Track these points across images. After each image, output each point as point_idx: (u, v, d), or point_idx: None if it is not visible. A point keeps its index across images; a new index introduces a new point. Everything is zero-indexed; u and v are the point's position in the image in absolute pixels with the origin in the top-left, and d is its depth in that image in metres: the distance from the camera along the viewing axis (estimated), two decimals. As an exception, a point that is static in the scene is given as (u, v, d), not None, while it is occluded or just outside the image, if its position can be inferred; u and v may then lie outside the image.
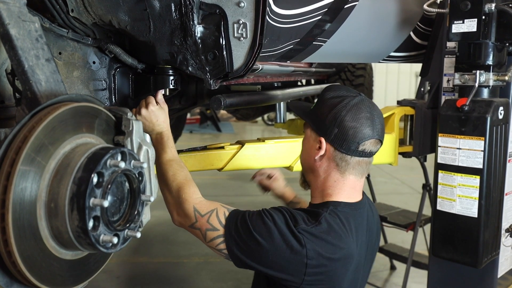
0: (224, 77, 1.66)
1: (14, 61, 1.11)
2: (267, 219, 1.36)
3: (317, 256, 1.34)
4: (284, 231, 1.34)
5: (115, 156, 1.10)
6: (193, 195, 1.46)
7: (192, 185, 1.49)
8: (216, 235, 1.38)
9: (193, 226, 1.43)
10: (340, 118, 1.42)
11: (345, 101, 1.44)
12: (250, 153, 2.15)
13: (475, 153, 2.14)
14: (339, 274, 1.40)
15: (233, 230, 1.37)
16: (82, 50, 1.69)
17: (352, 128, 1.42)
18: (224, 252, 1.39)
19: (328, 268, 1.37)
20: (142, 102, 1.63)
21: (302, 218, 1.39)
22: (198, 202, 1.44)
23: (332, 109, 1.44)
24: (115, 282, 4.10)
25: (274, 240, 1.34)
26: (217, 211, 1.41)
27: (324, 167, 1.48)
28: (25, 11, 1.17)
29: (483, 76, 2.13)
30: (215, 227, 1.39)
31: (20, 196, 0.97)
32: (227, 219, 1.39)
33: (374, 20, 2.37)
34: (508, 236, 2.38)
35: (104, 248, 1.09)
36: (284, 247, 1.33)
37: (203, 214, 1.41)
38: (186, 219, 1.44)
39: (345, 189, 1.48)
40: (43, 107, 1.06)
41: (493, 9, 2.03)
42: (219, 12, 1.56)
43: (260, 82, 2.63)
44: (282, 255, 1.34)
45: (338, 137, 1.43)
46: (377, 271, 4.41)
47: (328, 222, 1.39)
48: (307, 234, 1.35)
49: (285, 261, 1.34)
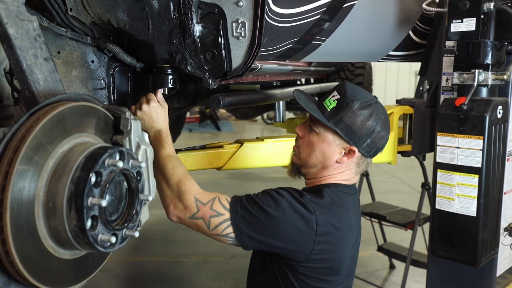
0: (223, 76, 1.66)
1: (12, 60, 1.11)
2: (274, 194, 1.44)
3: (325, 223, 1.42)
4: (292, 201, 1.42)
5: (113, 155, 1.10)
6: (194, 186, 1.47)
7: (191, 178, 1.50)
8: (222, 219, 1.41)
9: (194, 217, 1.43)
10: (373, 130, 1.50)
11: (375, 112, 1.50)
12: (249, 152, 2.15)
13: (474, 152, 2.14)
14: (343, 244, 1.48)
15: (240, 209, 1.41)
16: (80, 49, 1.68)
17: (383, 137, 1.53)
18: (231, 236, 1.41)
19: (335, 237, 1.44)
20: (143, 98, 1.62)
21: (306, 192, 1.47)
22: (199, 192, 1.46)
23: (366, 121, 1.49)
24: (114, 281, 4.10)
25: (284, 209, 1.40)
26: (219, 198, 1.44)
27: (341, 167, 1.55)
28: (23, 10, 1.16)
29: (482, 75, 2.13)
30: (219, 213, 1.41)
31: (18, 196, 0.97)
32: (231, 203, 1.43)
33: (373, 19, 2.37)
34: (506, 235, 2.38)
35: (102, 248, 1.08)
36: (294, 214, 1.40)
37: (205, 203, 1.42)
38: (186, 210, 1.44)
39: (347, 179, 1.58)
40: (41, 107, 1.05)
41: (492, 8, 2.03)
42: (218, 11, 1.56)
43: (259, 81, 2.63)
44: (293, 223, 1.39)
45: (369, 146, 1.52)
46: (376, 270, 4.41)
47: (330, 196, 1.48)
48: (314, 203, 1.42)
49: (296, 229, 1.40)
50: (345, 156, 1.53)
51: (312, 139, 1.55)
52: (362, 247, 1.68)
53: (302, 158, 1.59)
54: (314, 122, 1.55)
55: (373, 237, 4.33)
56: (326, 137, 1.52)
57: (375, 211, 3.95)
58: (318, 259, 1.43)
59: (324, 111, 1.52)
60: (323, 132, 1.53)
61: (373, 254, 4.47)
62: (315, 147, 1.54)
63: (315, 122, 1.55)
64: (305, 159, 1.58)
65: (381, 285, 4.14)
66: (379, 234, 4.36)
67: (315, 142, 1.54)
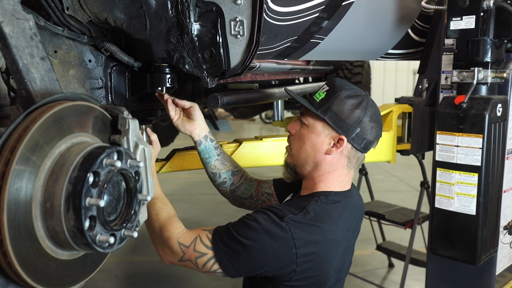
0: (221, 75, 1.65)
1: (8, 59, 1.10)
2: (250, 222, 1.41)
3: (305, 245, 1.38)
4: (269, 228, 1.38)
5: (111, 155, 1.09)
6: (175, 230, 1.48)
7: (174, 220, 1.51)
8: (207, 259, 1.42)
9: (182, 260, 1.46)
10: (363, 118, 1.48)
11: (364, 102, 1.50)
12: (247, 151, 2.14)
13: (473, 150, 2.14)
14: (327, 260, 1.44)
15: (221, 245, 1.41)
16: (77, 49, 1.67)
17: (373, 128, 1.50)
18: (219, 271, 1.43)
19: (317, 255, 1.41)
20: None
21: (287, 211, 1.43)
22: (181, 235, 1.47)
23: (354, 109, 1.48)
24: (113, 281, 4.09)
25: (261, 239, 1.37)
26: (199, 237, 1.44)
27: (332, 162, 1.52)
28: (19, 9, 1.15)
29: (481, 73, 2.12)
30: (203, 253, 1.43)
31: (15, 196, 0.96)
32: (212, 240, 1.43)
33: (371, 17, 2.37)
34: (506, 233, 2.38)
35: (101, 248, 1.07)
36: (272, 242, 1.37)
37: (188, 245, 1.44)
38: (173, 255, 1.47)
39: (341, 180, 1.54)
40: (38, 106, 1.04)
41: (491, 5, 2.02)
42: (216, 10, 1.55)
43: (257, 80, 2.62)
44: (272, 251, 1.37)
45: (359, 136, 1.49)
46: (375, 269, 4.41)
47: (315, 211, 1.44)
48: (294, 223, 1.39)
49: (275, 256, 1.38)
50: (334, 147, 1.49)
51: (302, 132, 1.55)
52: (361, 246, 1.68)
53: (293, 154, 1.57)
54: (304, 115, 1.56)
55: (372, 236, 4.33)
56: (315, 127, 1.52)
57: (374, 210, 3.96)
58: (301, 278, 1.42)
59: (314, 103, 1.53)
60: (312, 123, 1.52)
61: (372, 253, 4.47)
62: (305, 140, 1.53)
63: (305, 114, 1.55)
64: (296, 154, 1.56)
65: (380, 284, 4.14)
66: (378, 233, 4.36)
67: (304, 134, 1.53)
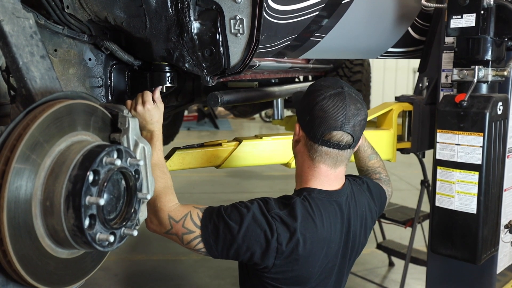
0: (221, 74, 1.65)
1: (8, 58, 1.10)
2: (241, 208, 1.45)
3: (287, 241, 1.41)
4: (257, 217, 1.42)
5: (111, 153, 1.09)
6: (168, 203, 1.48)
7: (169, 192, 1.51)
8: (193, 237, 1.44)
9: (168, 233, 1.47)
10: (311, 106, 1.48)
11: (321, 91, 1.50)
12: (247, 150, 2.14)
13: (474, 149, 2.13)
14: (310, 258, 1.46)
15: (210, 225, 1.44)
16: (77, 47, 1.67)
17: (319, 117, 1.46)
18: (202, 250, 1.45)
19: (297, 252, 1.43)
20: (139, 97, 1.55)
21: (276, 204, 1.47)
22: (173, 209, 1.48)
23: (308, 97, 1.52)
24: (113, 280, 4.09)
25: (248, 226, 1.41)
26: (190, 214, 1.46)
27: (301, 153, 1.56)
28: (19, 8, 1.15)
29: (481, 71, 2.12)
30: (191, 230, 1.44)
31: (15, 195, 0.96)
32: (202, 220, 1.45)
33: (371, 16, 2.36)
34: (507, 232, 2.38)
35: (101, 247, 1.08)
36: (258, 231, 1.41)
37: (177, 220, 1.45)
38: (160, 226, 1.48)
39: (318, 177, 1.53)
40: (38, 105, 1.04)
41: (491, 3, 2.02)
42: (216, 8, 1.55)
43: (257, 79, 2.61)
44: (256, 240, 1.41)
45: (308, 124, 1.50)
46: (376, 268, 4.41)
47: (297, 207, 1.45)
48: (279, 219, 1.42)
49: (258, 245, 1.41)
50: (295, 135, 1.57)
51: None
52: (361, 245, 1.66)
53: None
54: None
55: (372, 235, 4.32)
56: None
57: (374, 208, 3.94)
58: (280, 271, 1.45)
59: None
60: None
61: (372, 252, 4.47)
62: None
63: None
64: None
65: (381, 282, 4.14)
66: (378, 231, 4.36)
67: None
